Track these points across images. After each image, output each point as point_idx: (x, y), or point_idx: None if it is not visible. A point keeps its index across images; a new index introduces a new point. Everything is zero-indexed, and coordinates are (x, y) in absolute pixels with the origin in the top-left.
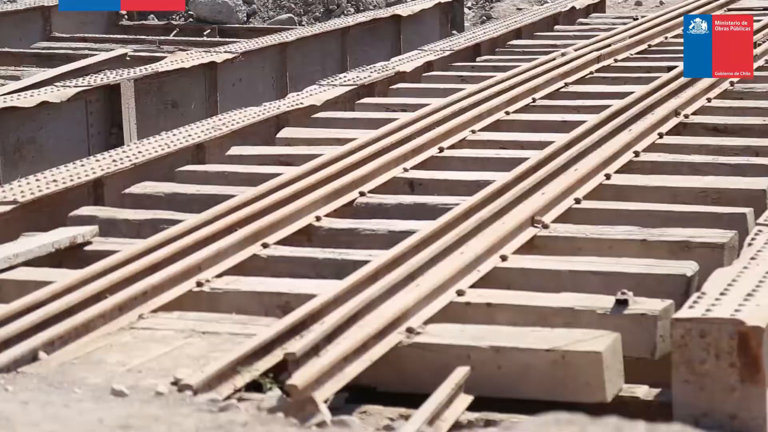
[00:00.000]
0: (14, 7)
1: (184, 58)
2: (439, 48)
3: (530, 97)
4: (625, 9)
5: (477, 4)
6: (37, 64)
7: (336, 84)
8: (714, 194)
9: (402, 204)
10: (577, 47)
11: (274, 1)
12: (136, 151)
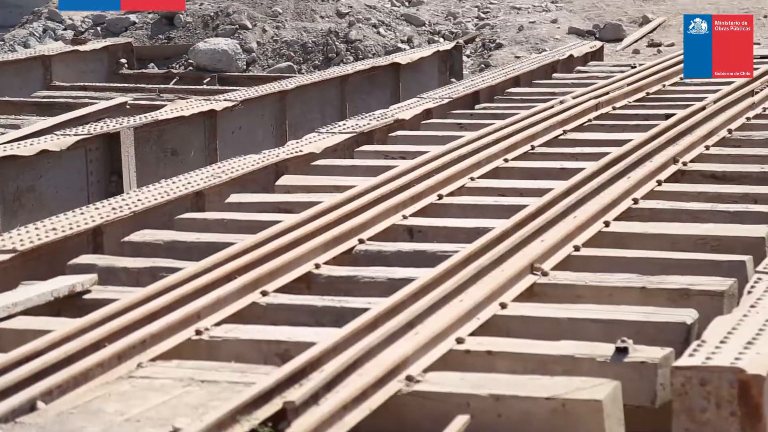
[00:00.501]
0: (15, 57)
1: (183, 106)
2: (437, 96)
3: (529, 144)
4: (622, 57)
5: (475, 52)
6: (37, 112)
7: (335, 131)
8: (713, 242)
9: (401, 251)
10: (576, 95)
11: (274, 50)
12: (135, 199)
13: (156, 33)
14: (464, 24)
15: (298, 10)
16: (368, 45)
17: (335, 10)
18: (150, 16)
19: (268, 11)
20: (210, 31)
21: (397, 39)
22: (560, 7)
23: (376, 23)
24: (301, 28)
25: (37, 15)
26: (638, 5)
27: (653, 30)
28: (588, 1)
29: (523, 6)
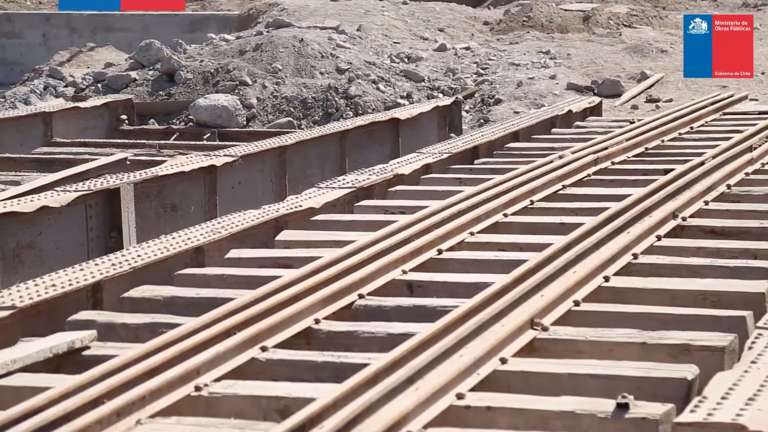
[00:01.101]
0: (16, 113)
1: (183, 161)
2: (437, 151)
3: (528, 199)
4: (621, 112)
5: (474, 107)
6: (37, 169)
7: (335, 186)
8: (713, 297)
9: (401, 306)
10: (575, 150)
11: (274, 105)
12: (135, 255)
13: (156, 89)
14: (463, 80)
15: (298, 67)
16: (368, 100)
17: (335, 66)
18: (150, 72)
19: (268, 68)
20: (210, 88)
21: (396, 95)
22: (558, 64)
23: (376, 79)
24: (300, 84)
25: (38, 72)
26: (636, 62)
27: (651, 86)
28: (586, 57)
29: (522, 62)
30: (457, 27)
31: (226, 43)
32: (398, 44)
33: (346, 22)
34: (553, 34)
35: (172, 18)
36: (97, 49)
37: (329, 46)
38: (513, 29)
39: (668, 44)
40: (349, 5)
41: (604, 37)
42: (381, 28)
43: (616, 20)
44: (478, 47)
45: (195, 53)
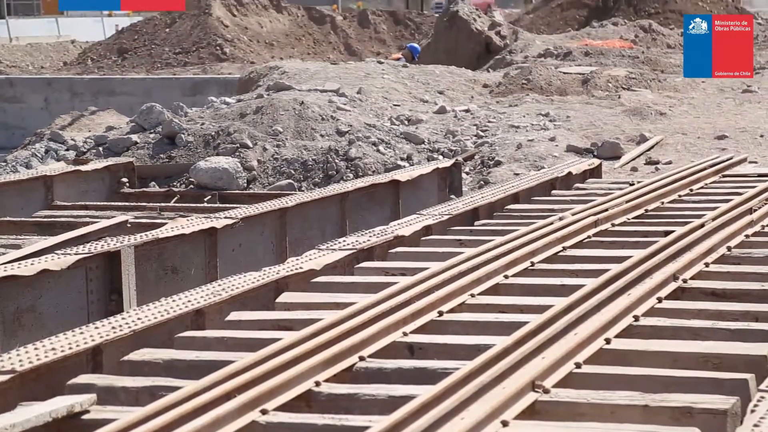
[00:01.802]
0: (17, 177)
1: (184, 224)
2: (437, 212)
3: (529, 261)
4: (621, 174)
5: (474, 169)
6: (38, 232)
7: (335, 248)
8: (715, 360)
9: (402, 368)
10: (575, 212)
11: (274, 168)
12: (135, 318)
13: (157, 152)
14: (463, 142)
15: (299, 129)
16: (368, 162)
17: (335, 128)
18: (152, 135)
19: (268, 130)
20: (211, 150)
21: (396, 156)
22: (558, 126)
23: (376, 141)
24: (301, 147)
25: (40, 136)
26: (635, 124)
27: (651, 148)
28: (585, 119)
29: (522, 124)
30: (457, 89)
31: (227, 106)
32: (398, 107)
33: (346, 85)
34: (553, 96)
35: (173, 81)
36: (98, 113)
37: (329, 108)
38: (512, 92)
39: (667, 107)
40: (349, 68)
41: (603, 100)
42: (381, 91)
43: (615, 83)
44: (478, 109)
45: (196, 116)
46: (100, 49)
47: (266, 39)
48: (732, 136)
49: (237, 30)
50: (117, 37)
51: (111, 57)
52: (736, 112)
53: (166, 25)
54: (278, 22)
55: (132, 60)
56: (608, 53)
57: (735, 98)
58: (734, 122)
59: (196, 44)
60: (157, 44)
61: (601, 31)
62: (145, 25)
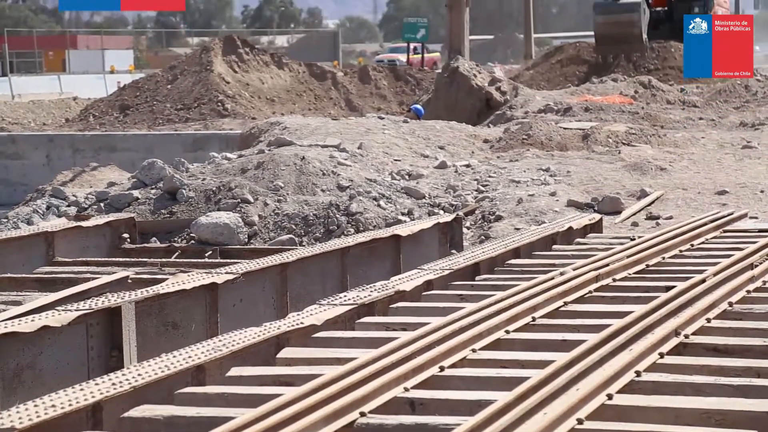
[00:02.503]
0: (18, 233)
1: (185, 279)
2: (438, 267)
3: (530, 316)
4: (621, 229)
5: (475, 224)
6: (39, 288)
7: (336, 303)
8: (717, 416)
9: (403, 424)
10: (576, 266)
11: (275, 223)
12: (135, 374)
13: (158, 208)
14: (464, 196)
15: (300, 184)
16: (369, 217)
17: (336, 183)
18: (153, 191)
19: (269, 185)
20: (212, 205)
21: (397, 211)
22: (559, 181)
23: (377, 196)
24: (302, 201)
25: (41, 192)
26: (636, 179)
27: (651, 203)
28: (586, 174)
29: (522, 179)
30: (458, 145)
31: (228, 161)
32: (399, 162)
33: (347, 140)
34: (553, 151)
35: (174, 137)
36: (100, 169)
37: (330, 163)
38: (513, 147)
39: (667, 162)
40: (350, 123)
41: (603, 155)
42: (382, 146)
43: (615, 139)
44: (479, 164)
45: (197, 172)
46: (102, 106)
47: (267, 95)
48: (732, 192)
49: (238, 86)
50: (119, 94)
51: (113, 113)
52: (736, 167)
53: (168, 81)
54: (279, 78)
55: (134, 116)
56: (608, 109)
57: (735, 154)
58: (734, 178)
59: (198, 100)
60: (159, 100)
61: (601, 87)
62: (147, 82)
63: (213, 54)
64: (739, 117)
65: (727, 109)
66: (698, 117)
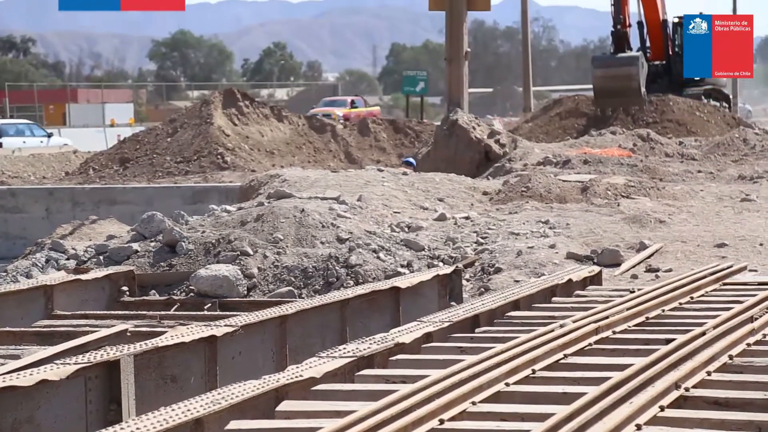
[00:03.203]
0: (17, 287)
1: (184, 332)
2: (438, 319)
3: (530, 368)
4: (621, 282)
5: (475, 276)
6: (38, 342)
7: (335, 356)
8: None
9: None
10: (576, 319)
11: (275, 275)
12: (134, 428)
13: (158, 260)
14: (463, 249)
15: (299, 236)
16: (368, 270)
17: (335, 235)
18: (152, 244)
19: (269, 238)
20: (211, 258)
21: (396, 263)
22: (558, 233)
23: (376, 248)
24: (301, 254)
25: (41, 246)
26: (635, 231)
27: (651, 256)
28: (585, 227)
29: (521, 231)
30: (457, 197)
31: (227, 214)
32: (398, 214)
33: (346, 193)
34: (552, 204)
35: (174, 190)
36: (99, 222)
37: (330, 216)
38: (512, 199)
39: (666, 215)
40: (349, 176)
41: (602, 208)
42: (381, 198)
43: (614, 191)
44: (478, 217)
45: (197, 224)
46: (102, 159)
47: (267, 147)
48: (731, 245)
49: (238, 139)
50: (119, 147)
51: (113, 166)
52: (735, 220)
53: (167, 134)
54: (279, 131)
55: (133, 169)
56: (607, 161)
57: (734, 207)
58: (733, 231)
59: (198, 153)
60: (159, 153)
61: (600, 140)
62: (147, 135)
63: (213, 107)
64: (738, 170)
65: (725, 162)
66: (697, 170)
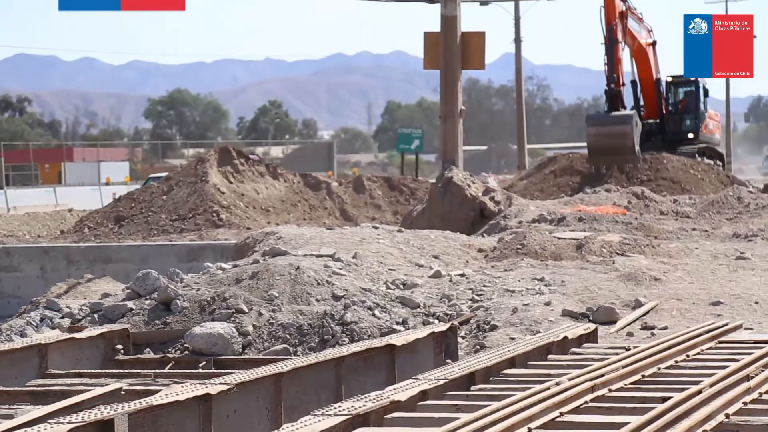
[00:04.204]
0: (11, 346)
1: (178, 390)
2: (433, 377)
3: (526, 426)
4: (617, 339)
5: (470, 333)
6: (31, 401)
7: (331, 414)
8: None
9: None
10: (571, 377)
11: (270, 333)
12: None
13: (153, 318)
14: (459, 306)
15: (294, 294)
16: (363, 327)
17: (330, 293)
18: (147, 302)
19: (264, 295)
20: (206, 316)
21: (392, 321)
22: (553, 290)
23: (372, 305)
24: (296, 311)
25: (35, 305)
26: (630, 289)
27: (646, 313)
28: (580, 284)
29: (517, 289)
30: (452, 254)
31: (222, 271)
32: (393, 271)
33: (342, 250)
34: (547, 261)
35: (169, 248)
36: (94, 280)
37: (325, 273)
38: (507, 256)
39: (661, 272)
40: (344, 233)
41: (597, 265)
42: (376, 255)
43: (609, 248)
44: (473, 274)
45: (192, 282)
46: (97, 217)
47: (262, 205)
48: (727, 303)
49: (233, 196)
50: (114, 205)
51: (108, 224)
52: (731, 278)
53: (163, 192)
54: (274, 189)
55: (129, 227)
56: (602, 219)
57: (729, 265)
58: (729, 289)
59: (193, 211)
60: (154, 211)
61: (595, 197)
62: (143, 193)
63: (208, 165)
64: (732, 228)
65: (720, 220)
66: (692, 227)
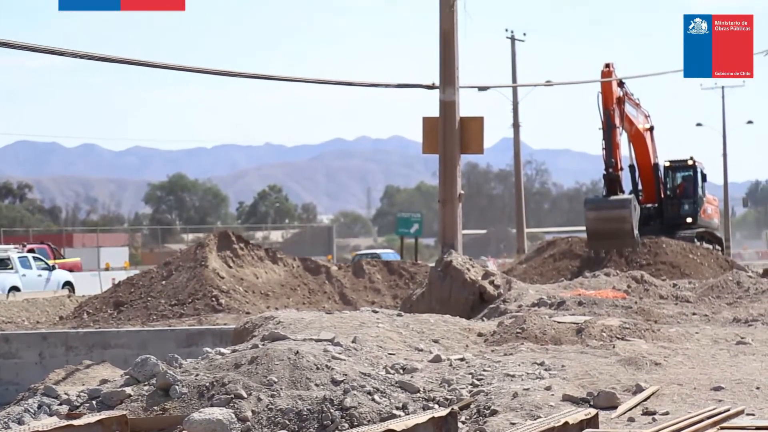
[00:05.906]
0: None
1: None
2: None
3: None
4: (618, 425)
5: (470, 418)
6: None
7: None
8: None
9: None
10: None
11: (269, 418)
12: None
13: (151, 404)
14: (459, 390)
15: (293, 379)
16: (363, 412)
17: (330, 377)
18: (146, 388)
19: (263, 380)
20: (205, 401)
21: (392, 406)
22: (554, 375)
23: (371, 390)
24: (296, 396)
25: (33, 391)
26: (631, 374)
27: (647, 398)
28: (581, 369)
29: (517, 373)
30: (452, 338)
31: (221, 356)
32: (393, 355)
33: (341, 334)
34: (547, 345)
35: (168, 333)
36: (93, 366)
37: (324, 357)
38: (507, 341)
39: (662, 357)
40: (344, 317)
41: (597, 349)
42: (376, 340)
43: (609, 333)
44: (473, 358)
45: (191, 367)
46: (96, 303)
47: (262, 289)
48: (728, 388)
49: (233, 281)
50: (113, 290)
51: (107, 310)
52: (731, 363)
53: (162, 277)
54: (274, 273)
55: (128, 312)
56: (601, 303)
57: (729, 350)
58: (730, 374)
59: (192, 296)
60: (153, 296)
61: (594, 281)
62: (142, 278)
63: (208, 250)
64: (732, 313)
65: (720, 305)
66: (692, 312)
